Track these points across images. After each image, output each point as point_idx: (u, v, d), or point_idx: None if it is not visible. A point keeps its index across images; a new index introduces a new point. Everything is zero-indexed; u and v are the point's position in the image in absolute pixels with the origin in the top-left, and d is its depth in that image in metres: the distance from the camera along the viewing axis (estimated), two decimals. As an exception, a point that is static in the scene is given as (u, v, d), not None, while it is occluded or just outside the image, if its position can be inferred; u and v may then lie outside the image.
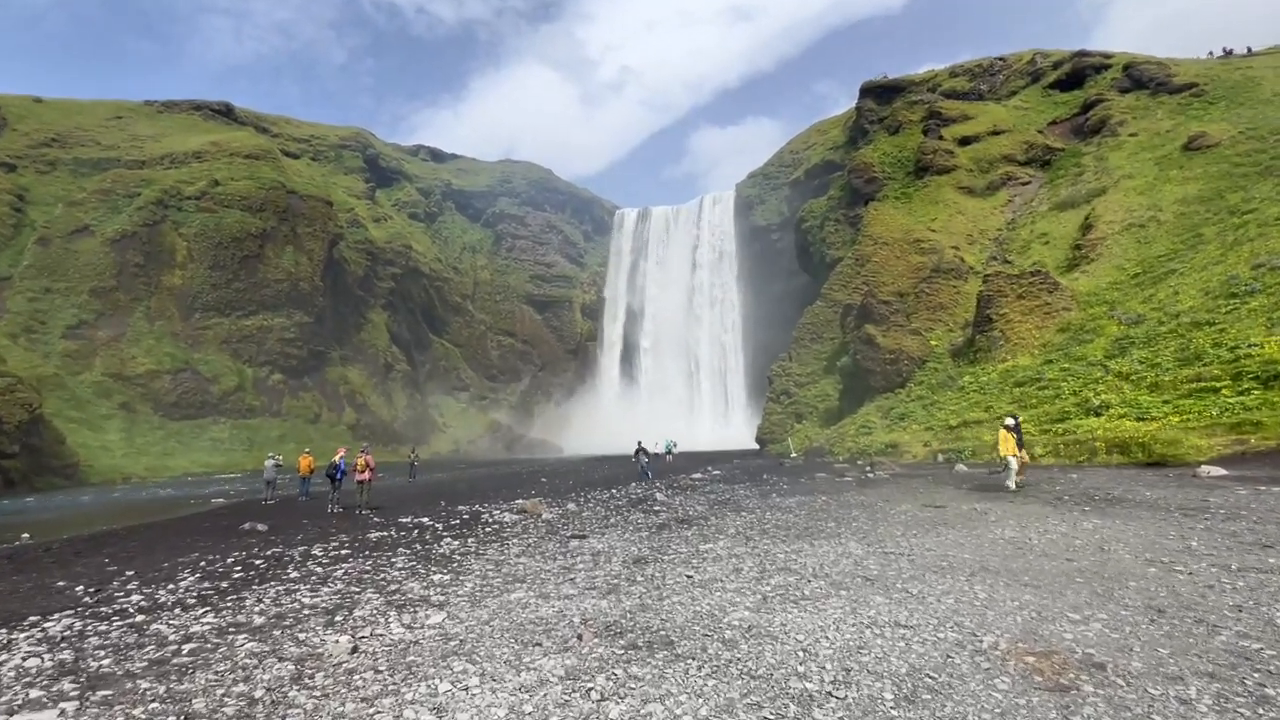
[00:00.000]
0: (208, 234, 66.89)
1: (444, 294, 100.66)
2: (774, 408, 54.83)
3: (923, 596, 5.23)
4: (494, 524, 12.27)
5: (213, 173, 71.61)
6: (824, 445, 36.81)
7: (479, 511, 14.77)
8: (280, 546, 10.75)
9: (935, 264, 47.82)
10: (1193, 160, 46.82)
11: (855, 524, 9.64)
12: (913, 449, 24.93)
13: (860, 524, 9.61)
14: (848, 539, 8.25)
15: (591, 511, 13.50)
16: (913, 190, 65.53)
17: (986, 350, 33.97)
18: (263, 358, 67.76)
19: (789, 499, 13.80)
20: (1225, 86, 60.50)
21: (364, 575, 7.58)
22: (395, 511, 15.90)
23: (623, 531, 10.14)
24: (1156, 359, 22.13)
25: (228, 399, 61.91)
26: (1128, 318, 27.80)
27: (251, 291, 68.39)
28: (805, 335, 57.79)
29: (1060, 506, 10.29)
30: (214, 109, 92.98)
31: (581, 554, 8.23)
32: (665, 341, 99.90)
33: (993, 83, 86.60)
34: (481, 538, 10.46)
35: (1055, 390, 23.66)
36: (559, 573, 7.03)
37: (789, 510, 11.82)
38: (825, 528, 9.40)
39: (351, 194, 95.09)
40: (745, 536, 8.94)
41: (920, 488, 14.69)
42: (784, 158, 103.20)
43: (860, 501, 12.58)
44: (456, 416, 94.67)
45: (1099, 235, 41.09)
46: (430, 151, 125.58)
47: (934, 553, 7.10)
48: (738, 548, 8.03)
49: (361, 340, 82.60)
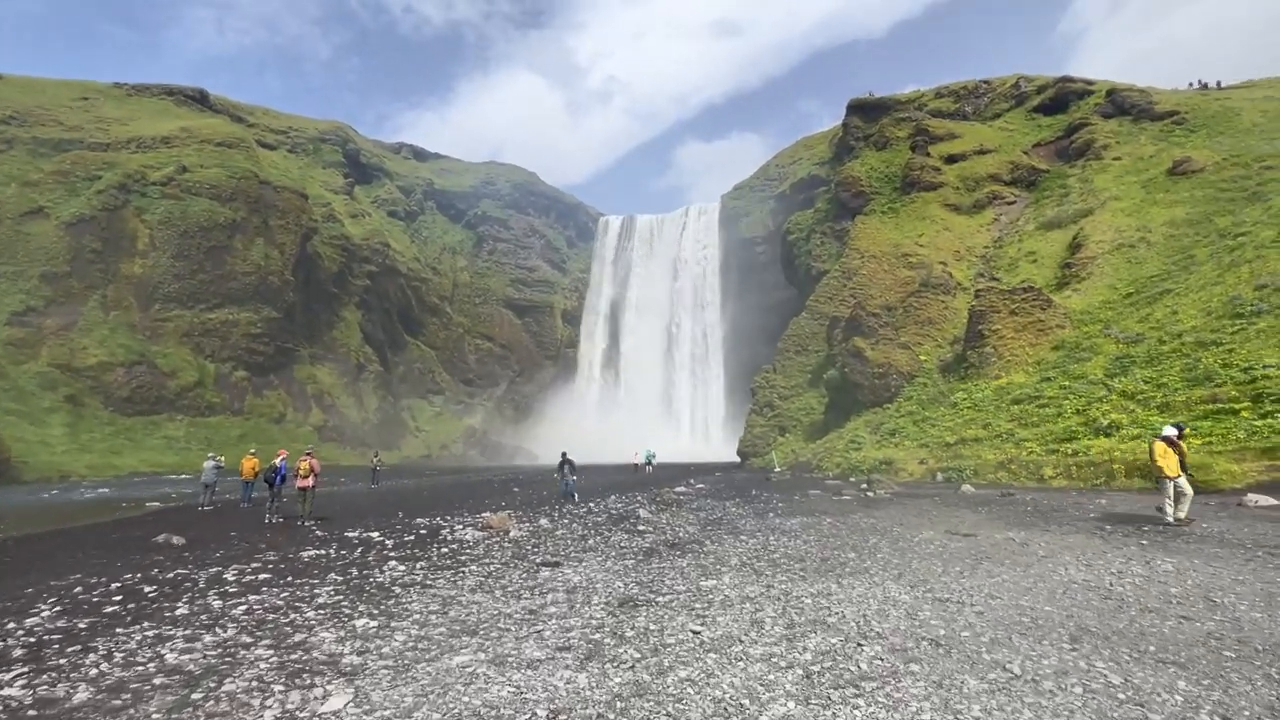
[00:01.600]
0: (173, 222, 63.84)
1: (421, 295, 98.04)
2: (757, 420, 53.54)
3: (1035, 680, 3.71)
4: (452, 543, 10.53)
5: (181, 159, 68.61)
6: (810, 460, 35.49)
7: (439, 526, 13.00)
8: (189, 567, 8.89)
9: (924, 278, 47.16)
10: (1178, 184, 46.97)
11: (880, 555, 8.13)
12: (908, 467, 23.66)
13: (885, 555, 8.11)
14: (882, 577, 6.73)
15: (566, 529, 11.83)
16: (900, 206, 65.30)
17: (978, 366, 33.04)
18: (226, 353, 64.66)
19: (790, 520, 12.28)
20: (1205, 116, 61.40)
21: (269, 616, 5.83)
22: (344, 523, 14.02)
23: (603, 558, 8.50)
24: (1162, 379, 21.21)
25: (186, 395, 58.74)
26: (1126, 336, 27.02)
27: (217, 284, 65.37)
28: (790, 347, 56.76)
29: (1110, 539, 8.92)
30: (187, 95, 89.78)
31: (553, 590, 6.58)
32: (646, 351, 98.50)
33: (977, 104, 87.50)
34: (434, 562, 8.73)
35: (1057, 409, 22.61)
36: (522, 621, 5.38)
37: (794, 535, 10.29)
38: (846, 559, 7.87)
39: (329, 188, 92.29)
40: (754, 569, 7.37)
41: (931, 510, 13.29)
42: (770, 171, 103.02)
43: (872, 525, 11.11)
44: (430, 420, 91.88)
45: (1089, 254, 40.73)
46: (413, 150, 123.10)
47: (1001, 601, 5.60)
48: (749, 586, 6.46)
49: (333, 339, 79.66)
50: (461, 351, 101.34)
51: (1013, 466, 18.64)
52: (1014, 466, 18.60)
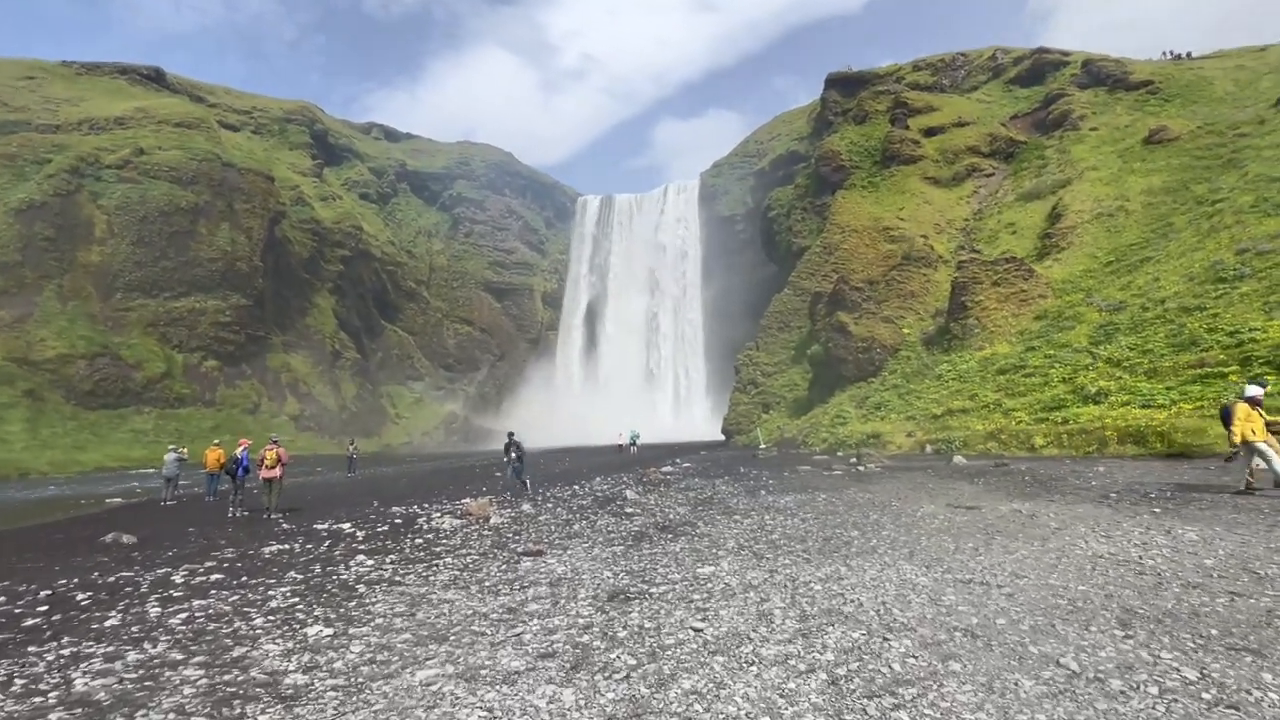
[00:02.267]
0: (131, 207, 61.13)
1: (397, 279, 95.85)
2: (741, 397, 53.34)
3: (1099, 679, 3.17)
4: (428, 533, 9.86)
5: (138, 140, 65.56)
6: (796, 436, 35.30)
7: (415, 515, 12.30)
8: (135, 569, 8.11)
9: (906, 252, 46.94)
10: (1154, 153, 47.11)
11: (885, 532, 7.64)
12: (895, 439, 23.43)
13: (891, 532, 7.62)
14: (893, 557, 6.22)
15: (550, 515, 11.21)
16: (880, 179, 64.88)
17: (961, 338, 32.93)
18: (195, 343, 62.56)
19: (783, 497, 11.80)
20: (1179, 85, 61.61)
21: (210, 626, 5.13)
22: (314, 514, 13.26)
23: (590, 545, 7.90)
24: (1147, 345, 21.11)
25: (153, 387, 56.77)
26: (1108, 304, 26.96)
27: (182, 271, 62.97)
28: (773, 324, 56.44)
29: (1119, 508, 8.53)
30: (142, 74, 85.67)
31: (535, 583, 5.95)
32: (627, 331, 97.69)
33: (955, 77, 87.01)
34: (406, 554, 8.05)
35: (1043, 377, 22.47)
36: (500, 621, 4.75)
37: (790, 512, 9.78)
38: (850, 538, 7.36)
39: (296, 170, 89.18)
40: (753, 552, 6.81)
41: (927, 483, 12.91)
42: (749, 148, 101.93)
43: (869, 500, 10.66)
44: (410, 407, 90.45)
45: (1069, 224, 40.73)
46: (384, 130, 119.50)
47: (1029, 581, 5.10)
48: (750, 571, 5.89)
49: (306, 326, 77.55)
50: (440, 336, 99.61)
51: (1003, 436, 18.42)
52: (1004, 436, 18.38)
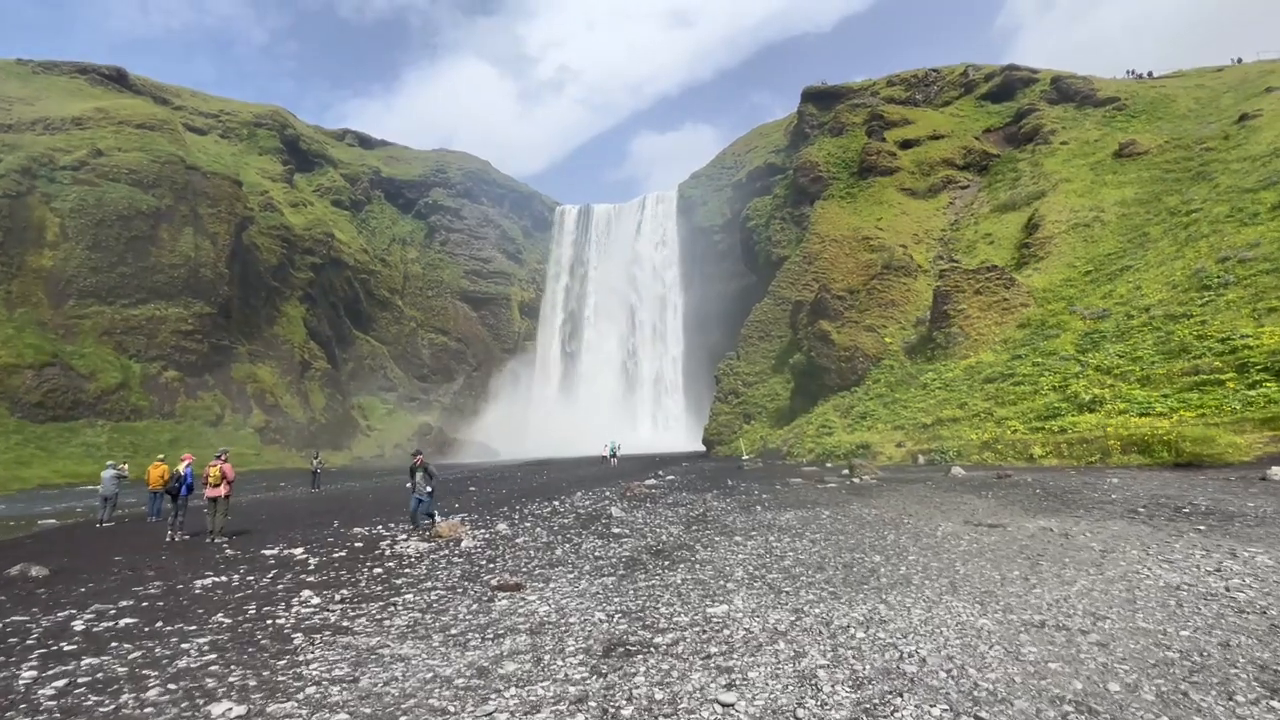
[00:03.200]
0: (86, 210, 58.42)
1: (370, 287, 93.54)
2: (721, 408, 52.60)
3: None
4: (390, 560, 8.70)
5: (95, 141, 62.87)
6: (780, 446, 34.56)
7: (378, 537, 11.09)
8: (33, 611, 6.82)
9: (886, 261, 46.90)
10: (1125, 166, 47.97)
11: (910, 557, 6.75)
12: (885, 450, 22.77)
13: (918, 557, 6.73)
14: (934, 590, 5.31)
15: (529, 536, 10.12)
16: (857, 190, 65.30)
17: (944, 347, 32.65)
18: (154, 352, 59.77)
19: (782, 514, 10.88)
20: (1144, 102, 63.23)
21: (88, 701, 3.97)
22: (265, 537, 11.94)
23: (575, 575, 6.86)
24: (1136, 353, 20.84)
25: (107, 398, 53.94)
26: (1092, 313, 26.84)
27: (141, 277, 60.27)
28: (753, 333, 55.96)
29: (1156, 525, 7.78)
30: (103, 74, 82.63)
31: (513, 629, 4.90)
32: (605, 342, 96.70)
33: (928, 92, 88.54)
34: (361, 589, 6.91)
35: (1032, 385, 22.06)
36: (466, 691, 3.69)
37: (795, 532, 8.86)
38: (873, 565, 6.45)
39: (266, 176, 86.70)
40: (768, 584, 5.85)
41: (932, 497, 12.13)
42: (726, 160, 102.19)
43: (878, 517, 9.79)
44: (383, 419, 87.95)
45: (1046, 234, 41.03)
46: (358, 136, 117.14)
47: (1115, 625, 4.23)
48: (772, 611, 4.93)
49: (274, 335, 74.91)
50: (415, 346, 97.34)
51: (998, 446, 17.85)
52: (1000, 446, 17.81)
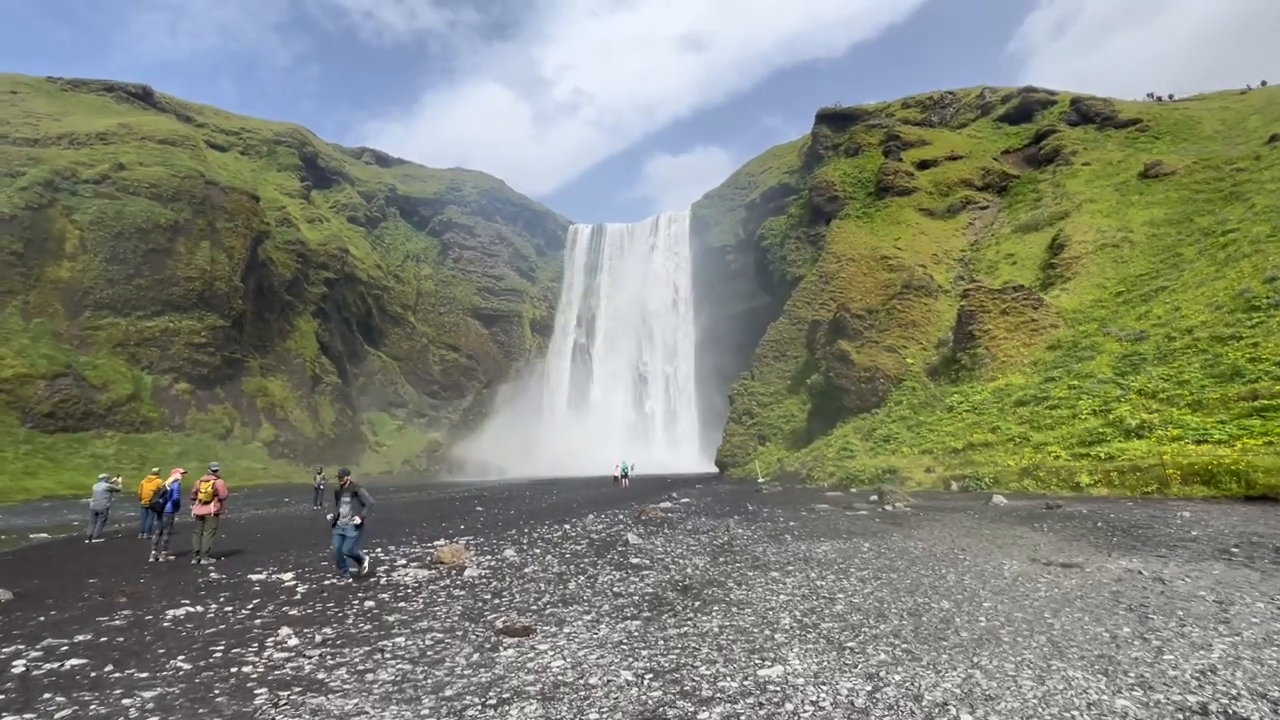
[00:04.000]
0: (106, 222, 58.99)
1: (383, 303, 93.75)
2: (735, 428, 51.43)
3: None
4: (385, 590, 7.83)
5: (118, 156, 63.75)
6: (799, 470, 33.37)
7: (376, 562, 10.23)
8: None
9: (906, 280, 45.92)
10: (1152, 186, 46.92)
11: (985, 604, 5.78)
12: (914, 475, 21.63)
13: (994, 604, 5.76)
14: (1034, 651, 4.37)
15: (539, 564, 9.21)
16: (874, 210, 64.63)
17: (970, 368, 31.50)
18: (166, 364, 59.77)
19: (816, 545, 9.90)
20: (1167, 124, 62.29)
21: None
22: (256, 559, 11.12)
23: (593, 615, 5.95)
24: (1182, 376, 19.68)
25: (118, 410, 53.79)
26: (1128, 334, 25.68)
27: (157, 289, 60.56)
28: (768, 353, 54.95)
29: (1261, 568, 6.77)
30: (129, 91, 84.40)
31: (521, 691, 4.01)
32: (617, 360, 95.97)
33: (943, 114, 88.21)
34: (347, 627, 6.04)
35: (1070, 409, 20.91)
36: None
37: (838, 568, 7.89)
38: (943, 612, 5.49)
39: (284, 192, 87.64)
40: (824, 636, 4.92)
41: (980, 528, 11.08)
42: (739, 180, 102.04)
43: (927, 552, 8.79)
44: (392, 435, 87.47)
45: (1073, 255, 39.95)
46: (375, 154, 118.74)
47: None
48: (840, 677, 4.00)
49: (286, 349, 74.95)
50: (425, 362, 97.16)
51: (1039, 473, 16.72)
52: (1041, 473, 16.68)
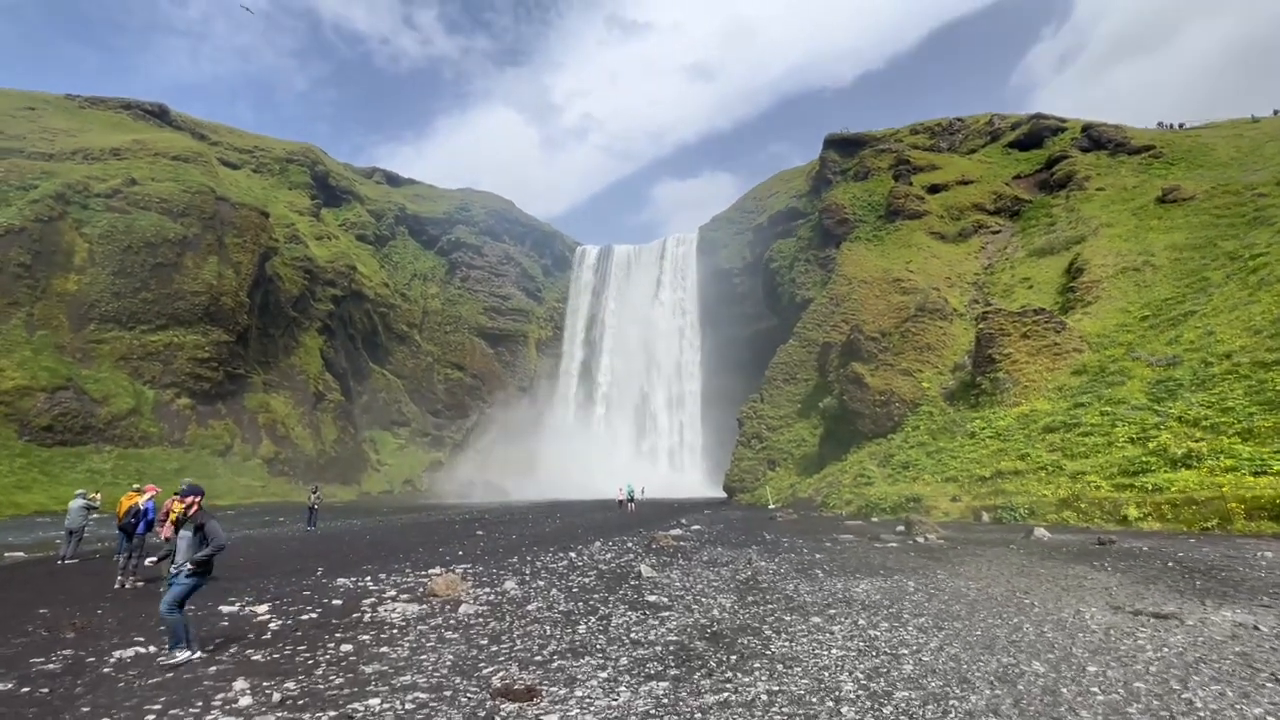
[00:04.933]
0: (116, 236, 59.00)
1: (389, 321, 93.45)
2: (744, 452, 50.20)
3: None
4: (369, 628, 6.83)
5: (131, 171, 64.12)
6: (812, 496, 32.10)
7: (363, 592, 9.22)
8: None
9: (920, 303, 45.04)
10: (1170, 211, 46.17)
11: (1090, 668, 4.77)
12: (938, 504, 20.45)
13: (1104, 670, 4.74)
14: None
15: (543, 600, 8.18)
16: (884, 234, 64.15)
17: (990, 393, 30.39)
18: (169, 379, 59.17)
19: (855, 583, 8.84)
20: (1181, 150, 61.85)
21: None
22: (231, 586, 10.12)
23: (610, 674, 4.94)
24: (1225, 403, 18.58)
25: (117, 424, 53.04)
26: (1160, 359, 24.61)
27: (163, 303, 60.27)
28: (778, 375, 53.95)
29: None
30: (146, 109, 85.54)
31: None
32: (622, 382, 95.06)
33: (952, 141, 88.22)
34: (313, 680, 5.04)
35: (1104, 436, 19.78)
36: None
37: (888, 613, 6.85)
38: (1043, 680, 4.48)
39: (294, 209, 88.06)
40: (905, 713, 3.90)
41: (1031, 566, 9.98)
42: (747, 204, 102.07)
43: (984, 594, 7.73)
44: (394, 454, 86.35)
45: (1093, 278, 39.05)
46: (386, 174, 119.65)
47: None
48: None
49: (290, 365, 74.40)
50: (430, 381, 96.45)
51: (1080, 505, 15.57)
52: (1082, 505, 15.53)
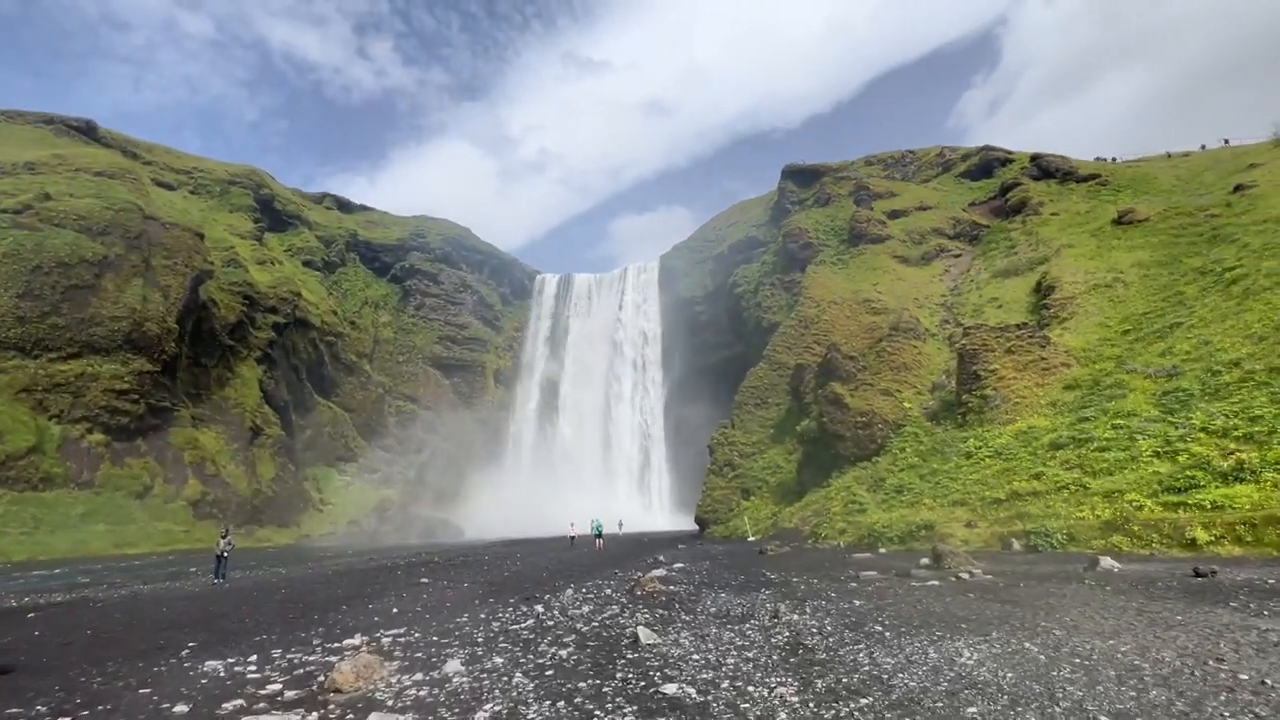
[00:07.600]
0: (23, 255, 53.36)
1: (337, 350, 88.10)
2: (716, 481, 47.58)
3: None
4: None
5: (45, 186, 58.72)
6: (799, 526, 29.62)
7: (235, 685, 6.16)
8: None
9: (893, 323, 44.00)
10: (1128, 232, 46.90)
11: None
12: (953, 531, 18.24)
13: None
14: None
15: (501, 693, 5.34)
16: (849, 257, 63.98)
17: (979, 411, 28.86)
18: (79, 412, 53.06)
19: (948, 647, 6.30)
20: (1125, 179, 64.09)
21: None
22: (41, 680, 6.87)
23: None
24: (1250, 411, 17.15)
25: (13, 464, 46.78)
26: (1158, 371, 23.44)
27: (76, 329, 54.48)
28: (749, 400, 51.93)
29: None
30: (70, 125, 79.75)
31: None
32: (583, 413, 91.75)
33: (905, 171, 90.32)
34: None
35: (1125, 451, 18.07)
36: None
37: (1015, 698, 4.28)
38: None
39: (234, 232, 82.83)
40: None
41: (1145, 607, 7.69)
42: (707, 233, 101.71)
43: (1150, 659, 5.30)
44: (339, 492, 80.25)
45: (1066, 295, 38.70)
46: (337, 200, 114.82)
47: None
48: None
49: (223, 397, 68.49)
50: (380, 414, 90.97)
51: (1133, 527, 13.53)
52: (1134, 527, 13.50)
